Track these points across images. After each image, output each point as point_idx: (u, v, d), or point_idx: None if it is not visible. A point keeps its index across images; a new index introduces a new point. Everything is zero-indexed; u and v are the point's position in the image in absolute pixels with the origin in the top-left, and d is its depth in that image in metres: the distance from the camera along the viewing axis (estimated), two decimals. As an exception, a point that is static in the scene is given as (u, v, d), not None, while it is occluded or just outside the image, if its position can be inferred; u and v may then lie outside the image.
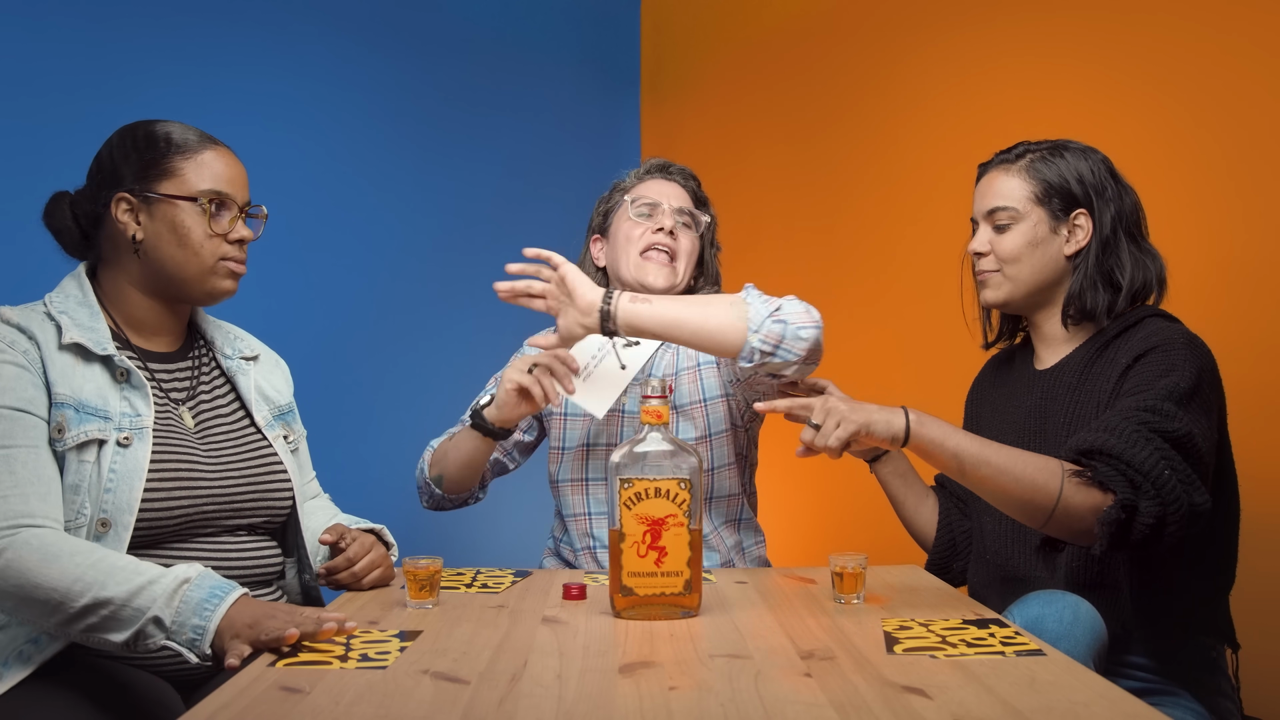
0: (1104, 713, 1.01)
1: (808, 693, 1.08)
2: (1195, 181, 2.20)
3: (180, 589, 1.32)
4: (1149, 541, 1.43)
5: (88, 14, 2.33)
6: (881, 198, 2.93)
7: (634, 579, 1.40)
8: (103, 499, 1.42)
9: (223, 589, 1.33)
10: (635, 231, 1.98)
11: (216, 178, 1.55)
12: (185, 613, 1.31)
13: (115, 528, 1.42)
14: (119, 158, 1.54)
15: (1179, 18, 2.23)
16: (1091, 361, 1.64)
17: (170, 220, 1.52)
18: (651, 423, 1.43)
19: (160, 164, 1.53)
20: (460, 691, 1.10)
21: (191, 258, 1.53)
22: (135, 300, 1.56)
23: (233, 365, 1.67)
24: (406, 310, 2.98)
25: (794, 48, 3.19)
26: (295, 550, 1.64)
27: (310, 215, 2.73)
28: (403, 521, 1.88)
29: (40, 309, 1.51)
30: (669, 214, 1.98)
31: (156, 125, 1.56)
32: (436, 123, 3.08)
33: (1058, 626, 1.33)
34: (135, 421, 1.47)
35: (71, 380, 1.45)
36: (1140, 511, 1.41)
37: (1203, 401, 1.52)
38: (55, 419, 1.42)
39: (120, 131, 1.57)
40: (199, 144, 1.56)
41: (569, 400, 2.00)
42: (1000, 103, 2.60)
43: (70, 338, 1.46)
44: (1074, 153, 1.68)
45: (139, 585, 1.32)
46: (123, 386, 1.49)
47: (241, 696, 1.08)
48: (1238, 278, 2.12)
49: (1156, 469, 1.42)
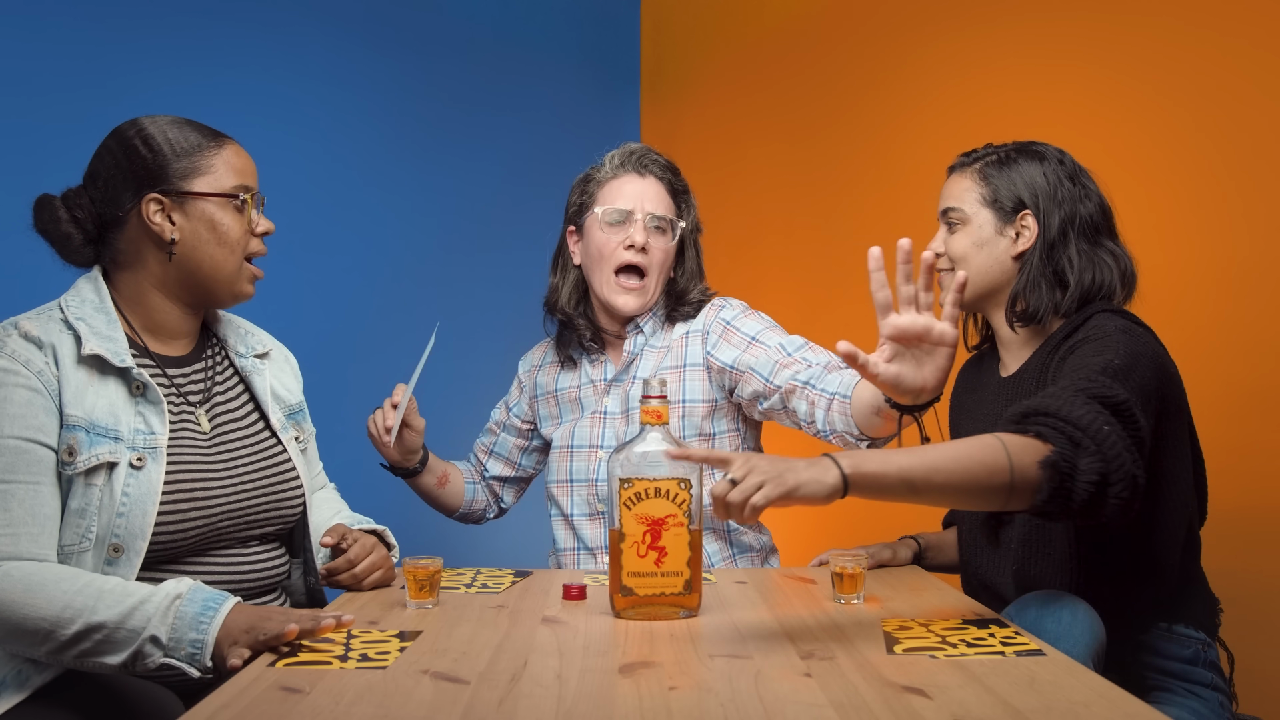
0: (1104, 713, 1.01)
1: (808, 693, 1.08)
2: (1195, 182, 2.20)
3: (173, 605, 1.32)
4: (1093, 505, 1.30)
5: (88, 14, 2.33)
6: (881, 197, 2.93)
7: (634, 579, 1.40)
8: (115, 524, 1.40)
9: (216, 600, 1.33)
10: (607, 246, 1.92)
11: (242, 172, 1.54)
12: (181, 628, 1.30)
13: (128, 553, 1.41)
14: (139, 156, 1.49)
15: (1179, 18, 2.22)
16: (1046, 366, 1.61)
17: (209, 218, 1.50)
18: (651, 422, 1.42)
19: (187, 160, 1.50)
20: (460, 691, 1.10)
21: (229, 256, 1.52)
22: (155, 304, 1.53)
23: (247, 364, 1.65)
24: (406, 309, 2.98)
25: (794, 47, 3.19)
26: (301, 552, 1.64)
27: (310, 215, 2.73)
28: (402, 521, 1.89)
29: (57, 315, 1.47)
30: (641, 227, 1.92)
31: (163, 122, 1.52)
32: (436, 122, 3.08)
33: (1056, 628, 1.33)
34: (149, 440, 1.45)
35: (85, 399, 1.42)
36: (1080, 470, 1.29)
37: (1139, 381, 1.45)
38: (66, 441, 1.40)
39: (125, 131, 1.52)
40: (216, 139, 1.54)
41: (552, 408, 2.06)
42: (1000, 103, 2.60)
43: (90, 349, 1.43)
44: (1031, 155, 1.69)
45: (131, 606, 1.31)
46: (138, 400, 1.46)
47: (241, 696, 1.08)
48: (1238, 278, 2.12)
49: (1095, 424, 1.31)
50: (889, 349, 1.37)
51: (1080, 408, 1.33)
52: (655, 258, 1.93)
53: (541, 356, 2.13)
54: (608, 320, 2.00)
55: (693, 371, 1.93)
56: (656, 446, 1.41)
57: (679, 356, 1.95)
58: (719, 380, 1.92)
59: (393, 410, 1.86)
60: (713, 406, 1.93)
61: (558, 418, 2.06)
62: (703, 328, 1.95)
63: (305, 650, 1.24)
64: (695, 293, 1.99)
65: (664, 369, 1.95)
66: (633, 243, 1.91)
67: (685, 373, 1.94)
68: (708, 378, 1.93)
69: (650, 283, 1.94)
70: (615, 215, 1.93)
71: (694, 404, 1.92)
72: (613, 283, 1.93)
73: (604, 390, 2.00)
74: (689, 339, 1.95)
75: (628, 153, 1.99)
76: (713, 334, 1.93)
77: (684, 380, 1.93)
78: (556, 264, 2.06)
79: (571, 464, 1.99)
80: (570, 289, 2.01)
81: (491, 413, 2.19)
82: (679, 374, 1.94)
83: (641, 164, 1.97)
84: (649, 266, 1.93)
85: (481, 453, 2.17)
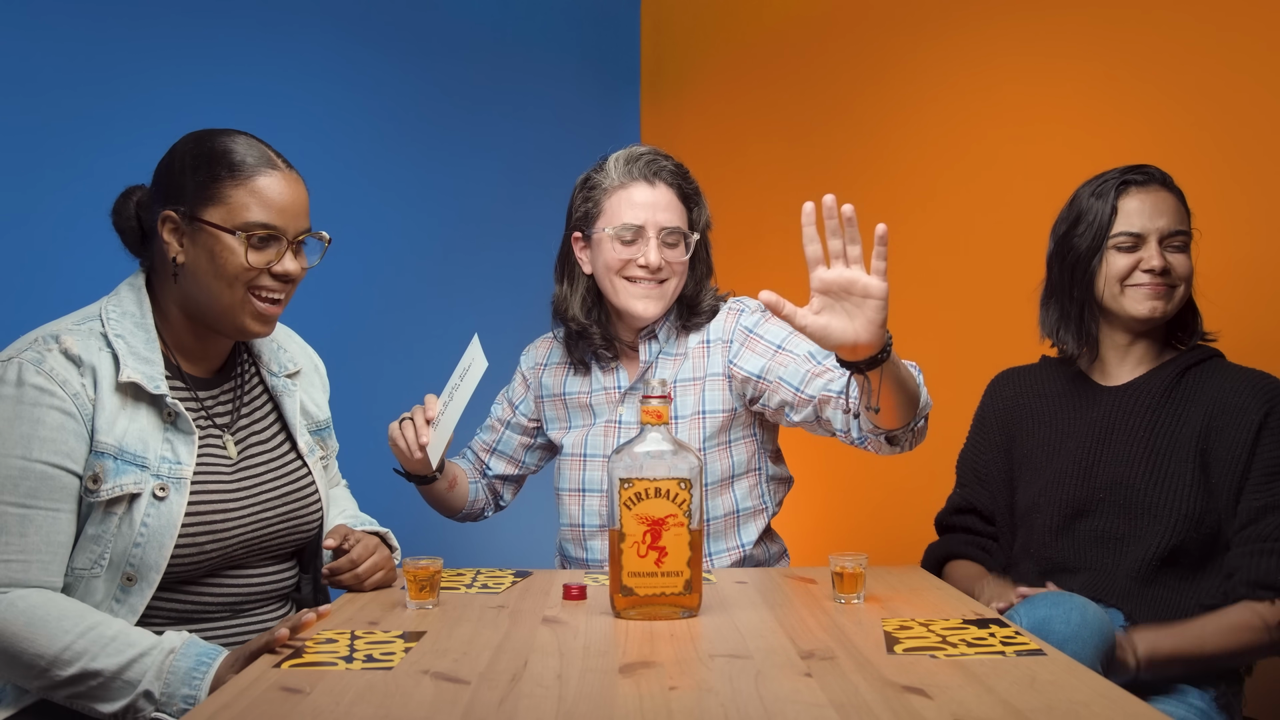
0: (1104, 712, 1.01)
1: (808, 693, 1.08)
2: (1195, 182, 2.19)
3: (168, 659, 1.31)
4: None
5: (88, 14, 2.32)
6: (881, 197, 2.93)
7: (634, 579, 1.40)
8: (131, 553, 1.40)
9: (209, 655, 1.32)
10: (618, 263, 1.86)
11: (267, 208, 1.45)
12: (174, 683, 1.30)
13: (141, 583, 1.40)
14: (177, 170, 1.46)
15: (1179, 18, 2.22)
16: (1171, 387, 1.71)
17: (210, 249, 1.45)
18: (651, 423, 1.42)
19: (210, 188, 1.44)
20: (460, 691, 1.10)
21: (225, 290, 1.46)
22: (180, 323, 1.52)
23: (278, 384, 1.63)
24: (406, 309, 2.98)
25: (794, 47, 3.19)
26: (311, 569, 1.64)
27: (310, 215, 2.73)
28: (402, 521, 1.88)
29: (98, 329, 1.45)
30: (655, 245, 1.84)
31: (221, 139, 1.48)
32: (437, 122, 3.08)
33: (1065, 628, 1.34)
34: (175, 470, 1.44)
35: (116, 425, 1.40)
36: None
37: None
38: (93, 468, 1.39)
39: (189, 139, 1.50)
40: (256, 167, 1.46)
41: (560, 411, 2.01)
42: (1000, 103, 2.60)
43: (127, 376, 1.41)
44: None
45: (130, 659, 1.31)
46: (168, 429, 1.45)
47: (242, 697, 1.08)
48: (1238, 279, 2.12)
49: None
50: (818, 301, 1.42)
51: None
52: (674, 269, 1.88)
53: (546, 354, 2.06)
54: (623, 329, 1.95)
55: (713, 381, 1.89)
56: (657, 446, 1.41)
57: (699, 367, 1.91)
58: (740, 389, 1.87)
59: (427, 426, 1.74)
60: (732, 415, 1.89)
61: (566, 422, 2.02)
62: (723, 335, 1.90)
63: (310, 651, 1.25)
64: (708, 299, 1.94)
65: (683, 379, 1.90)
66: (646, 262, 1.84)
67: (705, 383, 1.89)
68: (728, 387, 1.88)
69: (669, 288, 1.88)
70: (626, 232, 1.85)
71: (714, 414, 1.88)
72: (630, 288, 1.86)
73: (618, 399, 1.95)
74: (710, 348, 1.91)
75: (634, 158, 1.89)
76: (735, 342, 1.88)
77: (704, 390, 1.89)
78: (562, 271, 1.98)
79: (584, 473, 1.95)
80: (582, 297, 1.94)
81: (492, 408, 2.13)
82: (699, 384, 1.89)
83: (650, 171, 1.88)
84: (666, 276, 1.88)
85: (483, 451, 2.11)
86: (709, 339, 1.92)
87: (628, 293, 1.87)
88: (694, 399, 1.89)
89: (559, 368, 2.03)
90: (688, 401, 1.89)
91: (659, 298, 1.87)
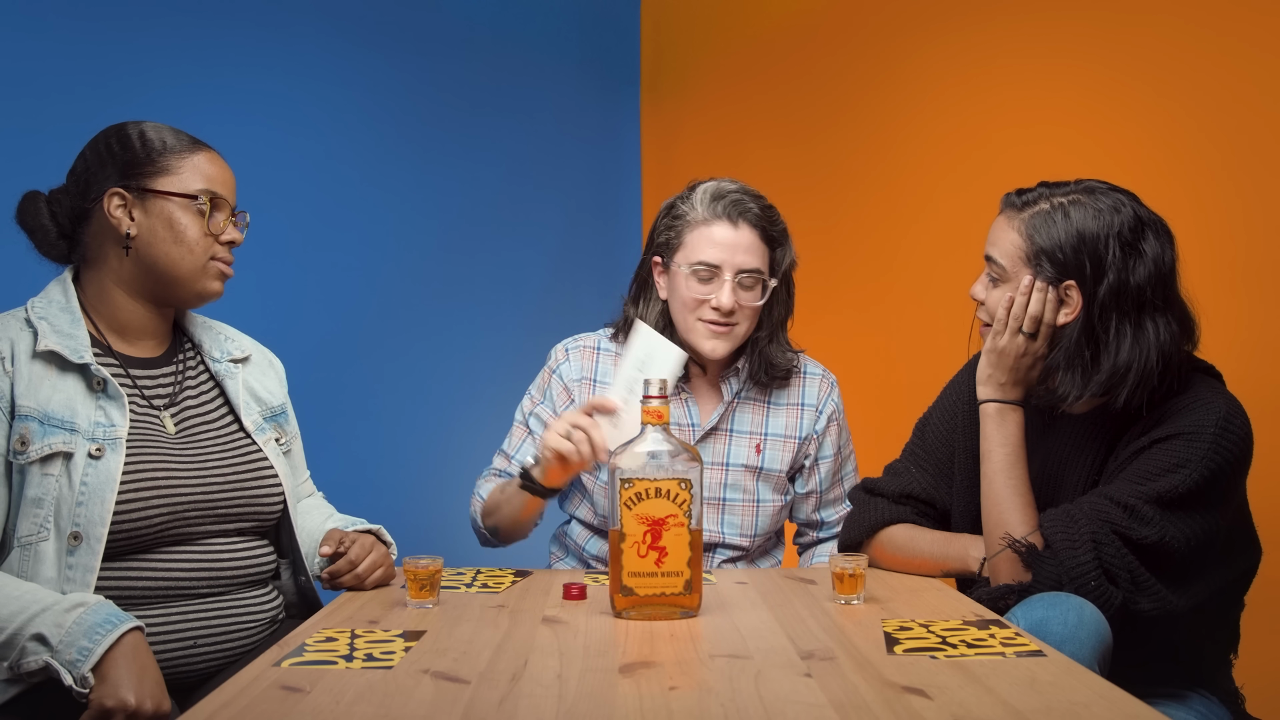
0: (1104, 713, 1.02)
1: (808, 693, 1.08)
2: (1195, 182, 2.20)
3: (74, 610, 1.30)
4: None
5: (88, 14, 2.32)
6: (882, 199, 2.93)
7: (634, 579, 1.40)
8: (75, 512, 1.41)
9: (119, 618, 1.31)
10: (692, 300, 1.83)
11: (211, 179, 1.56)
12: (76, 633, 1.28)
13: (88, 540, 1.41)
14: (112, 154, 1.54)
15: (1179, 18, 2.23)
16: (1134, 417, 1.56)
17: (166, 217, 1.53)
18: (652, 422, 1.42)
19: (157, 161, 1.53)
20: (460, 691, 1.10)
21: (186, 255, 1.54)
22: (120, 302, 1.55)
23: (221, 369, 1.65)
24: (406, 309, 2.98)
25: (794, 48, 3.19)
26: (290, 552, 1.64)
27: (310, 215, 2.73)
28: (402, 521, 1.89)
29: (20, 315, 1.50)
30: (729, 288, 1.80)
31: (146, 126, 1.57)
32: (436, 122, 3.08)
33: (1062, 629, 1.33)
34: (109, 431, 1.46)
35: (39, 392, 1.44)
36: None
37: (1204, 499, 1.48)
38: (18, 432, 1.41)
39: (107, 131, 1.57)
40: (192, 145, 1.57)
41: None
42: (1000, 103, 2.60)
43: (45, 345, 1.45)
44: (1087, 208, 1.54)
45: (35, 610, 1.31)
46: (98, 396, 1.47)
47: (242, 696, 1.08)
48: (1237, 279, 2.12)
49: (1085, 576, 1.43)
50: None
51: (1085, 554, 1.45)
52: (745, 313, 1.85)
53: (592, 368, 1.96)
54: (692, 360, 1.91)
55: (789, 442, 1.93)
56: (657, 446, 1.41)
57: (788, 426, 1.94)
58: (798, 454, 1.94)
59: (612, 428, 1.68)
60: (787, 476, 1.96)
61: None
62: (817, 403, 1.96)
63: (310, 650, 1.25)
64: (784, 357, 1.93)
65: (772, 435, 1.93)
66: (719, 304, 1.81)
67: (784, 442, 1.93)
68: (796, 449, 1.94)
69: (739, 330, 1.85)
70: (703, 269, 1.82)
71: (777, 473, 1.94)
72: (699, 327, 1.84)
73: (690, 436, 1.91)
74: (803, 411, 1.95)
75: (720, 194, 1.84)
76: (824, 415, 1.96)
77: (781, 449, 1.93)
78: (639, 293, 1.95)
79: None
80: (655, 321, 1.89)
81: (528, 422, 1.97)
82: (779, 442, 1.93)
83: (735, 211, 1.83)
84: (738, 321, 1.85)
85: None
86: (802, 402, 1.96)
87: (697, 331, 1.85)
88: (770, 455, 1.93)
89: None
90: (782, 458, 1.94)
91: (727, 339, 1.85)
